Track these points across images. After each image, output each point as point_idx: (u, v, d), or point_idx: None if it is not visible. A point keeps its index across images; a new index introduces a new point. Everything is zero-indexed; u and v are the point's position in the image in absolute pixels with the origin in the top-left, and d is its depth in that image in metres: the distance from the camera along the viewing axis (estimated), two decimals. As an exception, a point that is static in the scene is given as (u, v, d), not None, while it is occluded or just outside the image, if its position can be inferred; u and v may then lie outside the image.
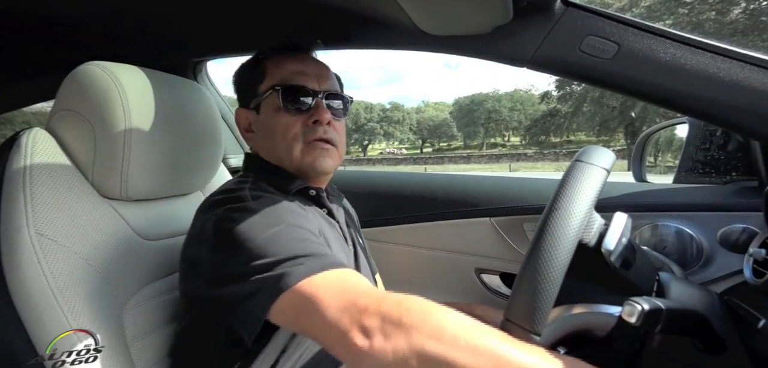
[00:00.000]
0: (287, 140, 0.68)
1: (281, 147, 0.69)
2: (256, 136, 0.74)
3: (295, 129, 0.68)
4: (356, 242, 0.81)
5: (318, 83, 0.71)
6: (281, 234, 0.55)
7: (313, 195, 0.71)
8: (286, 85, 0.69)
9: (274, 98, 0.69)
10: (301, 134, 0.68)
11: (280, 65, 0.71)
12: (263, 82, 0.71)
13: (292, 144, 0.68)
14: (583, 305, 0.58)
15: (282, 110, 0.68)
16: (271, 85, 0.69)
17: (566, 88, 34.40)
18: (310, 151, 0.69)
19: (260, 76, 0.72)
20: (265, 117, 0.71)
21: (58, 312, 0.54)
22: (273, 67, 0.71)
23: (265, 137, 0.72)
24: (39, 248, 0.55)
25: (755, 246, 0.59)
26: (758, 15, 19.19)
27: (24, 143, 0.62)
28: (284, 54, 0.73)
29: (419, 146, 59.30)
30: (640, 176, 1.20)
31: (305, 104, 0.69)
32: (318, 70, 0.72)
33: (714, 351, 0.52)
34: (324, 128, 0.69)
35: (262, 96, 0.71)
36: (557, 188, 0.48)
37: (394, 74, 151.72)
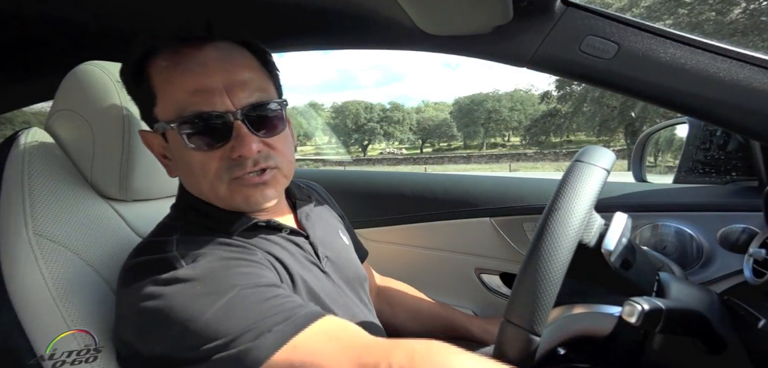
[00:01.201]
0: (208, 179, 0.54)
1: (203, 186, 0.55)
2: (175, 166, 0.59)
3: (213, 165, 0.54)
4: (336, 235, 0.74)
5: (229, 97, 0.53)
6: (234, 305, 0.45)
7: (263, 226, 0.59)
8: (185, 120, 0.52)
9: (180, 130, 0.53)
10: (224, 170, 0.54)
11: (170, 81, 0.53)
12: (156, 105, 0.54)
13: (215, 183, 0.54)
14: (583, 305, 0.58)
15: (190, 148, 0.53)
16: (167, 119, 0.53)
17: (566, 88, 34.41)
18: (239, 189, 0.55)
19: (150, 94, 0.55)
20: (175, 149, 0.55)
21: (57, 313, 0.54)
22: (162, 85, 0.54)
23: (183, 171, 0.58)
24: (37, 249, 0.55)
25: (755, 246, 0.59)
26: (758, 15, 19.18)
27: (22, 142, 0.62)
28: (169, 58, 0.53)
29: (419, 146, 59.29)
30: (640, 176, 1.20)
31: (220, 134, 0.53)
32: (224, 76, 0.53)
33: (714, 351, 0.52)
34: (253, 159, 0.54)
35: (161, 125, 0.55)
36: (557, 189, 0.48)
37: (394, 74, 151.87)
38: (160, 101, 0.54)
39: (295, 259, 0.60)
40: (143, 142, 0.60)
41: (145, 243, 0.56)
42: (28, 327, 0.54)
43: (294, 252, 0.61)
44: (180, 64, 0.53)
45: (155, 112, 0.55)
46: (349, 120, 56.71)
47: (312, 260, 0.64)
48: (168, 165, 0.60)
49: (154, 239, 0.55)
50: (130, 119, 0.65)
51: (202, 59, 0.53)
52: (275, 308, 0.47)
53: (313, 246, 0.65)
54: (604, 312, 0.56)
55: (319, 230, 0.69)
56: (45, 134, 0.66)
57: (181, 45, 0.54)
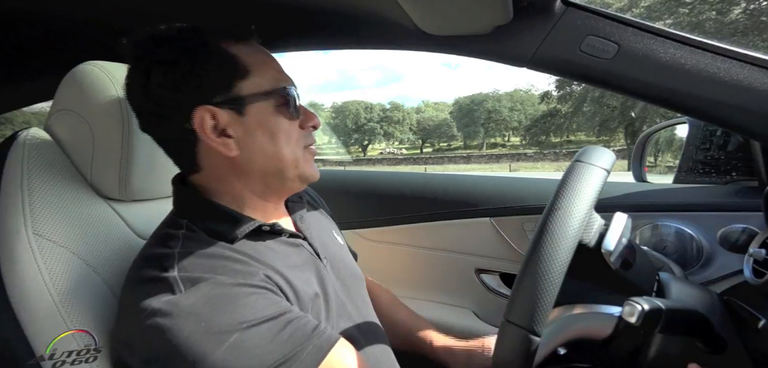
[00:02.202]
0: (291, 145, 0.61)
1: (287, 152, 0.61)
2: (240, 141, 0.59)
3: (297, 134, 0.62)
4: (331, 237, 0.75)
5: (292, 82, 0.64)
6: (241, 346, 0.46)
7: (267, 231, 0.61)
8: (282, 90, 0.61)
9: (273, 101, 0.59)
10: (301, 138, 0.63)
11: (264, 61, 0.62)
12: (247, 79, 0.58)
13: (296, 149, 0.62)
14: (583, 305, 0.58)
15: (283, 115, 0.60)
16: (267, 90, 0.59)
17: (566, 88, 34.41)
18: (309, 158, 0.64)
19: (239, 71, 0.58)
20: (257, 120, 0.59)
21: (57, 313, 0.54)
22: (257, 62, 0.60)
23: (261, 141, 0.60)
24: (37, 249, 0.55)
25: (755, 246, 0.59)
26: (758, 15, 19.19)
27: (22, 142, 0.62)
28: (250, 44, 0.62)
29: (419, 146, 59.30)
30: (640, 176, 1.20)
31: (296, 109, 0.63)
32: (282, 67, 0.65)
33: (714, 351, 0.52)
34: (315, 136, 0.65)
35: (252, 97, 0.58)
36: (557, 189, 0.48)
37: (394, 74, 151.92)
38: (255, 75, 0.59)
39: (296, 265, 0.61)
40: (195, 119, 0.57)
41: (147, 255, 0.55)
42: (28, 328, 0.54)
43: (295, 257, 0.62)
44: (261, 50, 0.63)
45: (240, 85, 0.58)
46: (349, 120, 56.72)
47: (314, 260, 0.65)
48: (225, 143, 0.58)
49: (156, 251, 0.54)
50: (129, 118, 0.65)
51: (266, 50, 0.64)
52: (287, 341, 0.48)
53: (313, 248, 0.66)
54: (604, 312, 0.56)
55: (315, 231, 0.70)
56: (44, 134, 0.66)
57: (248, 36, 0.62)
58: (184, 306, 0.47)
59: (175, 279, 0.49)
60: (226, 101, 0.57)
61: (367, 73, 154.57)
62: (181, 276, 0.50)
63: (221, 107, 0.57)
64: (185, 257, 0.52)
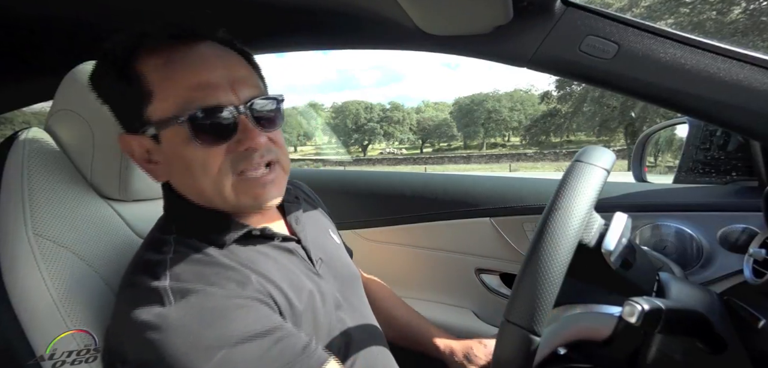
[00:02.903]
0: (211, 176, 0.52)
1: (205, 185, 0.53)
2: (164, 169, 0.56)
3: (217, 162, 0.52)
4: (327, 236, 0.73)
5: (233, 91, 0.52)
6: (229, 363, 0.45)
7: (257, 235, 0.58)
8: (193, 116, 0.50)
9: (179, 129, 0.51)
10: (229, 166, 0.53)
11: (171, 78, 0.51)
12: (152, 103, 0.51)
13: (219, 180, 0.53)
14: (583, 305, 0.58)
15: (194, 144, 0.51)
16: (171, 116, 0.51)
17: (566, 88, 34.41)
18: (247, 186, 0.54)
19: (143, 92, 0.52)
20: (171, 148, 0.53)
21: (57, 313, 0.54)
22: (160, 81, 0.51)
23: (178, 172, 0.55)
24: (37, 249, 0.55)
25: (755, 246, 0.59)
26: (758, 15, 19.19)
27: (22, 142, 0.62)
28: (165, 55, 0.52)
29: (419, 146, 59.30)
30: (640, 176, 1.20)
31: (226, 127, 0.52)
32: (226, 71, 0.53)
33: (714, 351, 0.52)
34: (260, 152, 0.54)
35: (157, 125, 0.52)
36: (557, 188, 0.48)
37: (394, 74, 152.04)
38: (157, 99, 0.51)
39: (288, 271, 0.58)
40: (123, 147, 0.56)
41: (140, 261, 0.53)
42: (28, 328, 0.54)
43: (287, 263, 0.60)
44: (178, 60, 0.52)
45: (148, 111, 0.52)
46: (349, 120, 56.72)
47: (307, 266, 0.63)
48: (154, 169, 0.56)
49: (149, 257, 0.53)
50: None
51: (200, 55, 0.53)
52: (274, 363, 0.47)
53: (306, 251, 0.64)
54: (604, 312, 0.56)
55: (310, 232, 0.68)
56: (44, 134, 0.66)
57: (172, 42, 0.53)
58: (173, 319, 0.46)
59: (166, 290, 0.48)
60: (141, 127, 0.53)
61: (367, 73, 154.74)
62: (172, 286, 0.48)
63: (139, 133, 0.54)
64: (176, 264, 0.51)
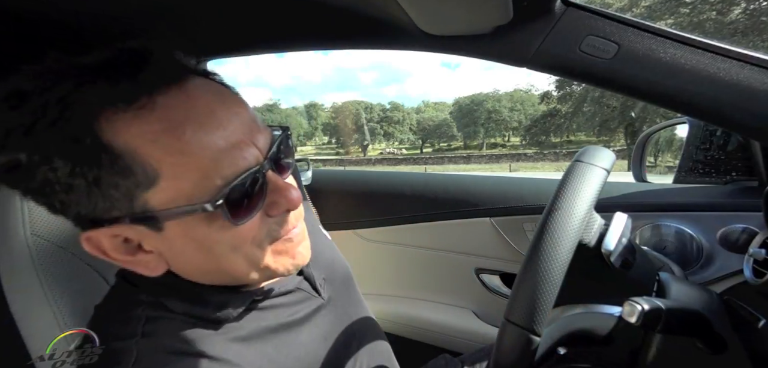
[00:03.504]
0: (244, 253, 0.41)
1: (236, 266, 0.42)
2: (162, 258, 0.42)
3: (251, 234, 0.41)
4: (319, 237, 0.68)
5: (253, 141, 0.40)
6: None
7: (259, 299, 0.48)
8: (228, 195, 0.37)
9: (206, 214, 0.37)
10: (265, 235, 0.42)
11: (184, 151, 0.36)
12: (155, 186, 0.36)
13: (255, 254, 0.42)
14: (583, 305, 0.58)
15: (222, 221, 0.38)
16: (193, 203, 0.37)
17: (566, 88, 34.41)
18: (288, 248, 0.44)
19: (139, 179, 0.36)
20: (181, 233, 0.39)
21: (56, 313, 0.54)
22: (168, 158, 0.36)
23: (189, 258, 0.41)
24: (34, 250, 0.55)
25: (755, 246, 0.59)
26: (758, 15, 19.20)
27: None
28: (163, 113, 0.36)
29: (419, 146, 59.30)
30: (640, 176, 1.20)
31: (259, 193, 0.40)
32: (239, 118, 0.40)
33: (714, 351, 0.52)
34: (296, 213, 0.45)
35: (168, 213, 0.37)
36: (557, 188, 0.48)
37: (394, 74, 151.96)
38: (165, 179, 0.36)
39: (293, 327, 0.51)
40: (91, 249, 0.39)
41: (104, 333, 0.41)
42: (26, 328, 0.54)
43: (293, 313, 0.52)
44: (182, 121, 0.36)
45: (146, 197, 0.37)
46: (349, 120, 56.72)
47: (312, 299, 0.56)
48: (143, 262, 0.41)
49: (108, 347, 0.40)
50: None
51: (205, 106, 0.38)
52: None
53: (310, 281, 0.56)
54: (604, 312, 0.56)
55: None
56: (45, 134, 0.66)
57: (153, 92, 0.36)
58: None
59: None
60: (128, 216, 0.37)
61: (367, 73, 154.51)
62: None
63: (122, 223, 0.38)
64: (146, 363, 0.38)
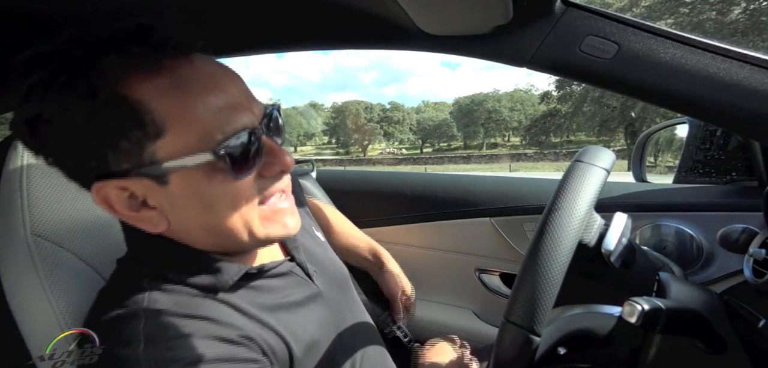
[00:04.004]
0: (240, 211, 0.45)
1: (233, 224, 0.45)
2: (164, 215, 0.45)
3: (247, 194, 0.45)
4: (313, 239, 0.70)
5: (251, 109, 0.45)
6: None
7: (254, 274, 0.51)
8: (227, 145, 0.42)
9: (209, 162, 0.42)
10: (256, 195, 0.46)
11: (189, 105, 0.41)
12: (162, 138, 0.41)
13: (248, 214, 0.46)
14: (583, 305, 0.58)
15: (223, 174, 0.43)
16: (199, 149, 0.41)
17: (566, 88, 34.41)
18: (275, 215, 0.48)
19: (147, 129, 0.41)
20: (185, 187, 0.43)
21: (56, 313, 0.54)
22: (176, 110, 0.41)
23: (191, 214, 0.45)
24: (35, 250, 0.55)
25: (755, 246, 0.59)
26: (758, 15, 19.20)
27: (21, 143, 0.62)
28: (171, 74, 0.42)
29: (419, 146, 59.31)
30: (640, 176, 1.20)
31: (256, 152, 0.44)
32: (240, 86, 0.46)
33: (714, 351, 0.52)
34: (285, 174, 0.49)
35: (173, 163, 0.41)
36: (557, 189, 0.48)
37: (394, 74, 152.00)
38: (172, 132, 0.41)
39: (289, 298, 0.54)
40: (99, 200, 0.44)
41: (107, 320, 0.44)
42: (27, 328, 0.54)
43: (287, 290, 0.55)
44: (190, 80, 0.42)
45: (153, 149, 0.41)
46: (349, 120, 56.74)
47: (304, 283, 0.59)
48: (147, 218, 0.45)
49: (116, 314, 0.44)
50: None
51: (209, 72, 0.44)
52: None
53: (303, 267, 0.59)
54: (604, 312, 0.56)
55: (300, 242, 0.63)
56: (45, 134, 0.66)
57: (163, 59, 0.42)
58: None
59: (138, 362, 0.40)
60: (136, 168, 0.42)
61: (367, 73, 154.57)
62: (146, 354, 0.40)
63: (130, 176, 0.42)
64: (153, 325, 0.42)
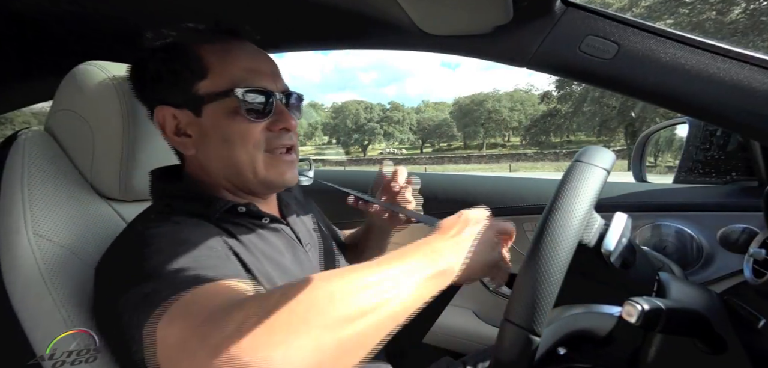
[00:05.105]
0: (248, 149, 0.59)
1: (241, 158, 0.59)
2: (196, 142, 0.60)
3: (256, 136, 0.59)
4: (314, 226, 0.75)
5: (274, 82, 0.61)
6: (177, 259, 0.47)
7: (243, 212, 0.61)
8: (244, 90, 0.57)
9: (229, 102, 0.57)
10: (262, 142, 0.60)
11: (229, 60, 0.59)
12: (206, 78, 0.58)
13: (254, 153, 0.59)
14: (583, 305, 0.58)
15: (240, 116, 0.58)
16: (226, 88, 0.57)
17: (566, 88, 34.39)
18: (276, 163, 0.61)
19: (198, 71, 0.58)
20: (213, 121, 0.59)
21: (57, 313, 0.54)
22: (218, 61, 0.59)
23: (213, 143, 0.59)
24: (37, 249, 0.55)
25: (755, 246, 0.59)
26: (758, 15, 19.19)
27: (22, 143, 0.62)
28: (223, 42, 0.60)
29: (419, 146, 59.29)
30: (640, 176, 1.20)
31: (267, 108, 0.59)
32: (271, 66, 0.63)
33: (714, 351, 0.52)
34: (290, 134, 0.62)
35: (208, 97, 0.58)
36: (557, 189, 0.48)
37: (394, 74, 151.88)
38: (212, 75, 0.58)
39: (276, 252, 0.61)
40: (158, 118, 0.60)
41: (119, 239, 0.55)
42: (28, 328, 0.54)
43: (276, 242, 0.62)
44: (235, 48, 0.60)
45: (198, 86, 0.58)
46: (349, 120, 56.74)
47: (293, 245, 0.66)
48: (183, 142, 0.61)
49: (143, 219, 0.57)
50: (129, 118, 0.65)
51: (251, 49, 0.63)
52: None
53: (295, 233, 0.68)
54: (604, 312, 0.56)
55: (299, 219, 0.72)
56: (45, 135, 0.66)
57: (231, 37, 0.62)
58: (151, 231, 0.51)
59: (165, 218, 0.54)
60: (185, 101, 0.59)
61: (367, 73, 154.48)
62: (172, 219, 0.54)
63: (180, 107, 0.59)
64: (175, 216, 0.55)
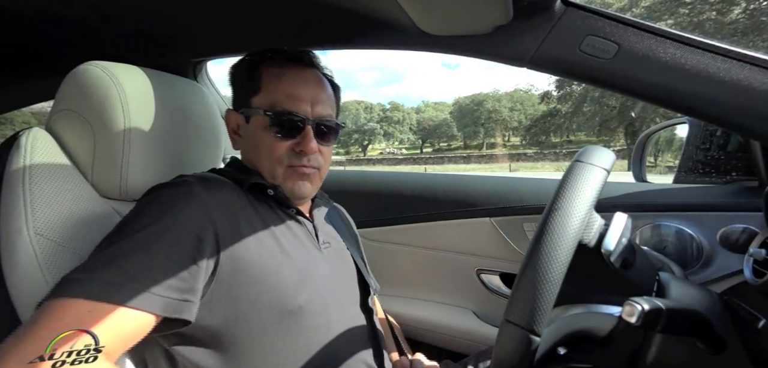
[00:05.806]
0: (271, 160, 0.69)
1: (264, 164, 0.70)
2: (242, 141, 0.75)
3: (279, 152, 0.69)
4: (340, 241, 0.80)
5: (311, 108, 0.70)
6: None
7: (271, 195, 0.70)
8: (276, 112, 0.68)
9: (265, 119, 0.69)
10: (285, 158, 0.69)
11: (277, 82, 0.70)
12: (257, 94, 0.71)
13: (275, 165, 0.69)
14: (583, 305, 0.58)
15: (270, 133, 0.68)
16: (263, 106, 0.69)
17: (566, 88, 34.40)
18: (291, 176, 0.70)
19: (255, 86, 0.71)
20: (253, 130, 0.71)
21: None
22: (269, 82, 0.70)
23: (250, 147, 0.73)
24: (38, 249, 0.55)
25: (755, 246, 0.59)
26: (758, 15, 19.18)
27: (23, 143, 0.62)
28: (283, 66, 0.71)
29: (419, 146, 59.28)
30: (640, 176, 1.20)
31: (295, 131, 0.69)
32: (313, 94, 0.71)
33: (714, 351, 0.52)
34: (308, 157, 0.70)
35: (253, 110, 0.71)
36: (557, 189, 0.48)
37: (394, 74, 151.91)
38: (263, 92, 0.70)
39: (290, 232, 0.69)
40: (226, 118, 0.77)
41: None
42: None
43: (291, 227, 0.71)
44: (286, 75, 0.71)
45: (253, 99, 0.71)
46: (349, 120, 56.73)
47: (311, 241, 0.73)
48: (236, 140, 0.76)
49: None
50: (130, 119, 0.65)
51: (304, 76, 0.72)
52: None
53: (316, 230, 0.75)
54: (604, 312, 0.56)
55: (325, 224, 0.79)
56: (46, 135, 0.66)
57: (290, 62, 0.72)
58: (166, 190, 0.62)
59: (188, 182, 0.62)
60: (243, 109, 0.72)
61: (367, 73, 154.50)
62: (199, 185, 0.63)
63: (239, 112, 0.73)
64: (209, 181, 0.65)
